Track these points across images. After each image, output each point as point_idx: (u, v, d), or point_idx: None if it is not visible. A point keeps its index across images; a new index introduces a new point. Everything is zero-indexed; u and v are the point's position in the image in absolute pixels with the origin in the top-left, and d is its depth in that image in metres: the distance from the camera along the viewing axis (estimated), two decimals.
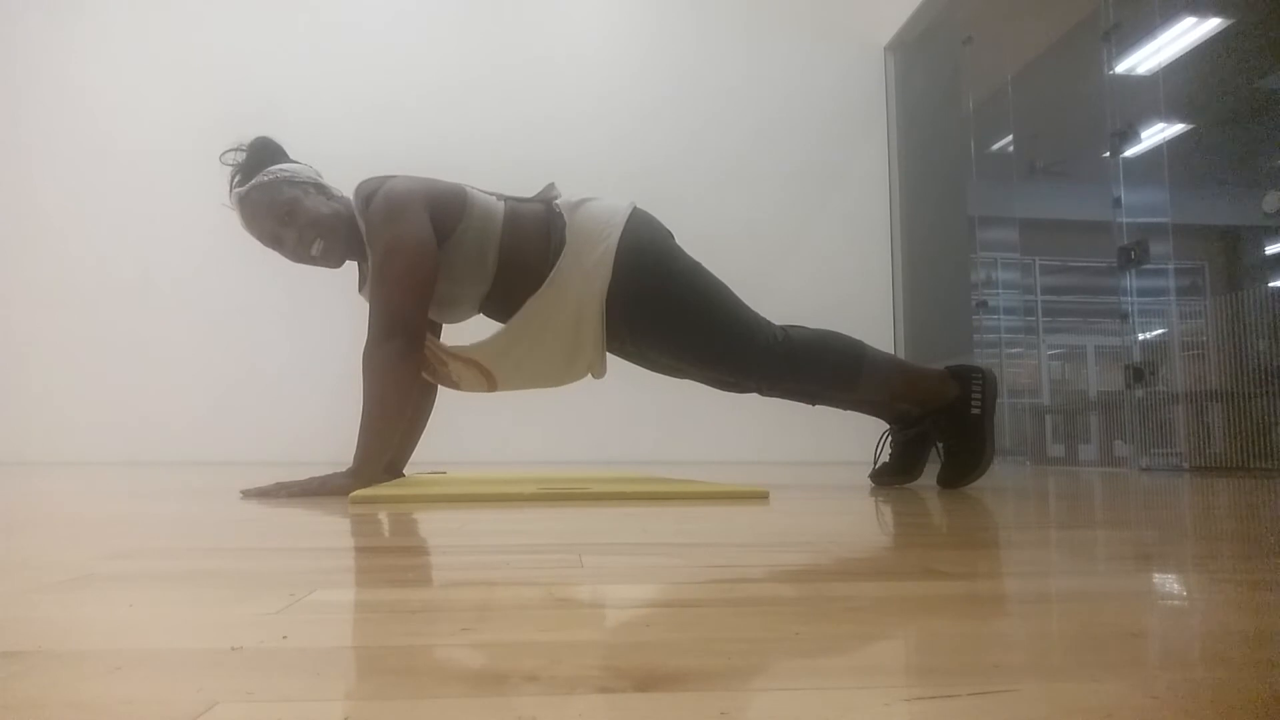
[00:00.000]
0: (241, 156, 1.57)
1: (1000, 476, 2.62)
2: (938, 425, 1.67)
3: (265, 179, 1.52)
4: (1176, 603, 0.50)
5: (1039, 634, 0.41)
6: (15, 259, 4.48)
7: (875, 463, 1.82)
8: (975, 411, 1.62)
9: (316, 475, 1.44)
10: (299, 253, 1.55)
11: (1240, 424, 3.05)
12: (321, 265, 1.58)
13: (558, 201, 1.59)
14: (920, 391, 1.66)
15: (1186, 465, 3.24)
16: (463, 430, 3.90)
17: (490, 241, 1.53)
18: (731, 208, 4.77)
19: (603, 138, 4.75)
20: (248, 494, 1.37)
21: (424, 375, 1.62)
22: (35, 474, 2.58)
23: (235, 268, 4.51)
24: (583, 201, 1.59)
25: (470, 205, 1.52)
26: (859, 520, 1.04)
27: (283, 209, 1.51)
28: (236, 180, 1.56)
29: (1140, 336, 3.53)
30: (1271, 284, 7.94)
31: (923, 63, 4.99)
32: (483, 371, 1.62)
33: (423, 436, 1.86)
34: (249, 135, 1.62)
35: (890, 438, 1.79)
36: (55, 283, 4.48)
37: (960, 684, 0.31)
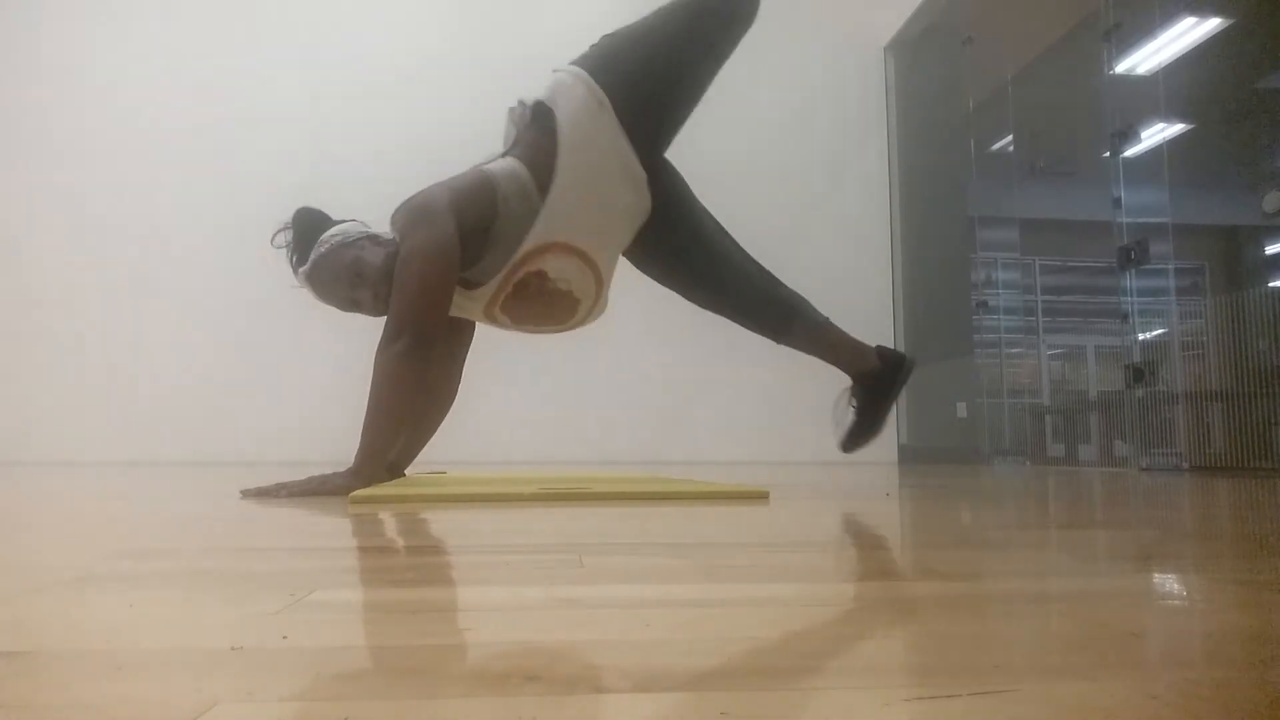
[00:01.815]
0: (289, 236, 1.58)
1: (1000, 476, 2.62)
2: (857, 390, 1.81)
3: (323, 250, 1.53)
4: (1176, 603, 0.50)
5: (1039, 634, 0.41)
6: (15, 259, 4.48)
7: (837, 428, 1.86)
8: (885, 390, 1.77)
9: (316, 475, 1.44)
10: (378, 308, 1.57)
11: (1240, 424, 3.05)
12: None
13: (532, 107, 1.64)
14: (843, 355, 1.79)
15: (1186, 465, 3.24)
16: (463, 430, 3.90)
17: (530, 196, 1.56)
18: (731, 207, 4.75)
19: None
20: (248, 494, 1.37)
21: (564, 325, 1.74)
22: (35, 474, 2.58)
23: (235, 268, 4.51)
24: (550, 91, 1.65)
25: (496, 180, 1.54)
26: (859, 520, 1.04)
27: (351, 273, 1.53)
28: (295, 260, 1.57)
29: (1140, 336, 3.53)
30: (1271, 284, 7.94)
31: (923, 63, 5.00)
32: (573, 254, 1.62)
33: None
34: (288, 209, 1.63)
35: (850, 399, 1.85)
36: (55, 283, 4.48)
37: (960, 684, 0.31)
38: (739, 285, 1.75)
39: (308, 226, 1.57)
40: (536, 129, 1.61)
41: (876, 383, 1.77)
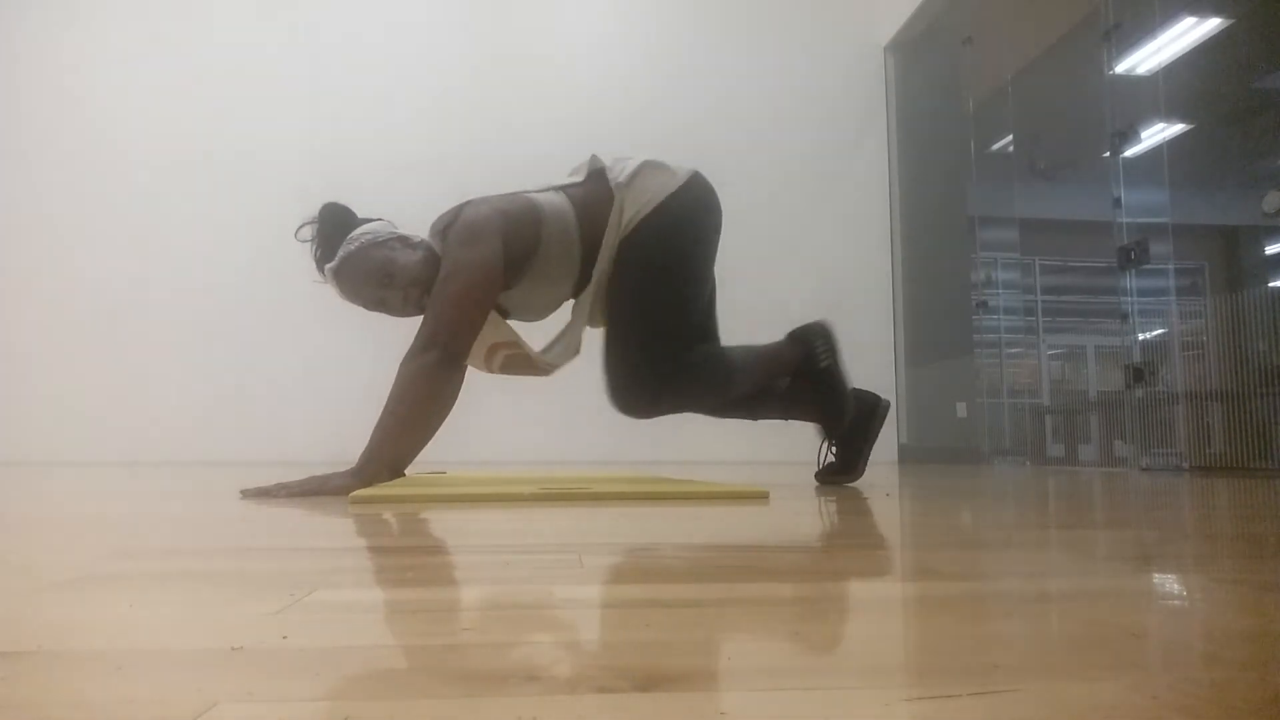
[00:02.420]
0: (314, 230, 1.57)
1: (1000, 477, 2.62)
2: (805, 387, 1.79)
3: (352, 248, 1.52)
4: (1176, 603, 0.50)
5: (1039, 634, 0.41)
6: (15, 259, 4.48)
7: (819, 464, 1.86)
8: (824, 364, 1.76)
9: (316, 475, 1.44)
10: (405, 310, 1.58)
11: (1240, 424, 3.05)
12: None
13: (615, 182, 1.62)
14: (779, 365, 1.78)
15: (1186, 465, 3.24)
16: (463, 430, 3.90)
17: (572, 239, 1.58)
18: (731, 208, 4.75)
19: (602, 138, 4.75)
20: (248, 494, 1.37)
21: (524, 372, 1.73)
22: (35, 474, 2.58)
23: (235, 268, 4.51)
24: (637, 173, 1.63)
25: (544, 215, 1.55)
26: (859, 520, 1.04)
27: (380, 273, 1.53)
28: (320, 255, 1.56)
29: (1140, 336, 3.53)
30: (1271, 284, 7.94)
31: (923, 63, 4.99)
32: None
33: None
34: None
35: (829, 440, 1.84)
36: (55, 283, 4.48)
37: (960, 684, 0.31)
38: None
39: (335, 222, 1.56)
40: (599, 186, 1.63)
41: (854, 426, 1.79)
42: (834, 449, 1.83)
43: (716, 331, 1.82)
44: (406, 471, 1.91)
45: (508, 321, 1.67)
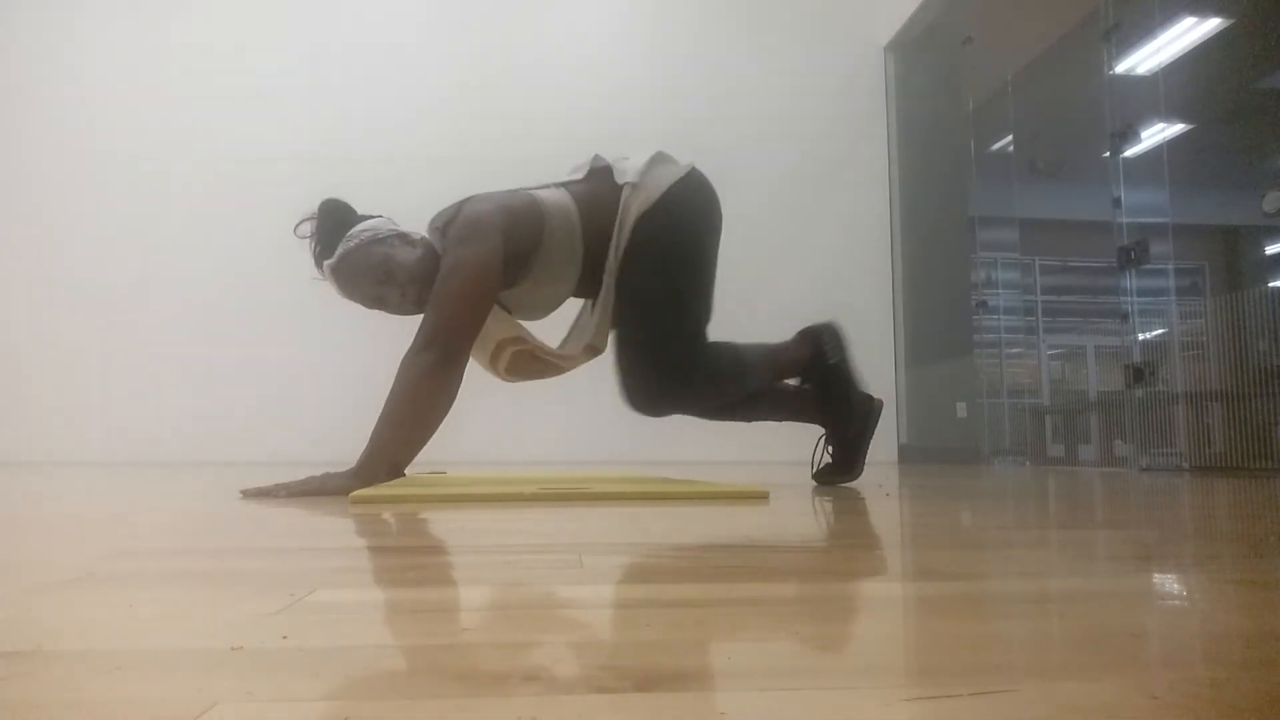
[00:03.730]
0: (313, 226, 1.56)
1: (1000, 477, 2.62)
2: (813, 385, 1.81)
3: (351, 244, 1.51)
4: (1176, 603, 0.50)
5: (1039, 634, 0.41)
6: (15, 259, 4.48)
7: (814, 465, 1.85)
8: (834, 362, 1.76)
9: (316, 475, 1.44)
10: (404, 308, 1.57)
11: (1240, 424, 3.05)
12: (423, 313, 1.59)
13: (622, 177, 1.61)
14: (788, 363, 1.78)
15: (1186, 465, 3.24)
16: (463, 430, 3.90)
17: (575, 236, 1.57)
18: (731, 207, 4.74)
19: (602, 137, 4.75)
20: (248, 494, 1.37)
21: (531, 375, 1.72)
22: (35, 474, 2.58)
23: (236, 268, 4.51)
24: (645, 167, 1.62)
25: (546, 211, 1.54)
26: (859, 520, 1.04)
27: (379, 270, 1.52)
28: (319, 251, 1.55)
29: (1140, 336, 3.53)
30: (1271, 284, 7.94)
31: (923, 63, 4.99)
32: (591, 350, 1.69)
33: None
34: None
35: (828, 439, 1.84)
36: (55, 283, 4.48)
37: (960, 684, 0.31)
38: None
39: (334, 219, 1.55)
40: (602, 183, 1.62)
41: (850, 429, 1.79)
42: (830, 449, 1.83)
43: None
44: (406, 471, 1.92)
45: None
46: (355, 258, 1.51)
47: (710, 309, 1.70)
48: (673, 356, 1.60)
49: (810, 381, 1.80)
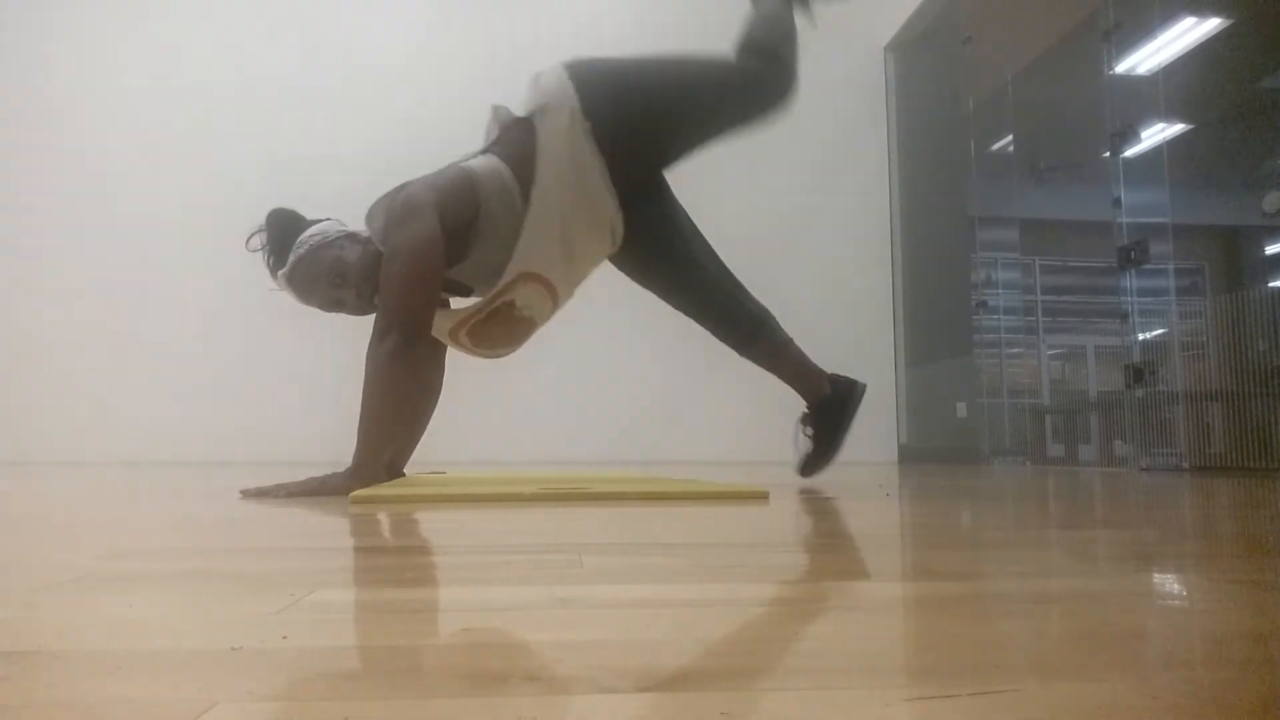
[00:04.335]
0: (264, 238, 1.57)
1: (1000, 477, 2.62)
2: (811, 416, 1.88)
3: (301, 251, 1.53)
4: (1176, 603, 0.50)
5: (1039, 634, 0.41)
6: (15, 259, 4.48)
7: (797, 453, 1.93)
8: (837, 416, 1.85)
9: (315, 475, 1.44)
10: (361, 307, 1.58)
11: (1240, 424, 3.05)
12: None
13: (521, 115, 1.64)
14: (799, 378, 1.86)
15: (1186, 465, 3.24)
16: (463, 430, 3.90)
17: (511, 193, 1.56)
18: (731, 207, 4.77)
19: None
20: (247, 494, 1.37)
21: (504, 348, 1.73)
22: (35, 474, 2.58)
23: (234, 268, 4.50)
24: (535, 99, 1.64)
25: (477, 178, 1.54)
26: (858, 520, 1.04)
27: (332, 274, 1.53)
28: (272, 263, 1.56)
29: (1140, 336, 3.53)
30: (1271, 284, 7.94)
31: (923, 63, 4.99)
32: (541, 284, 1.63)
33: (423, 436, 1.86)
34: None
35: (806, 419, 1.91)
36: (55, 283, 4.48)
37: (960, 684, 0.31)
38: (712, 294, 1.80)
39: (283, 228, 1.56)
40: (518, 130, 1.63)
41: (829, 409, 1.84)
42: (809, 431, 1.88)
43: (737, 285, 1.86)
44: (405, 471, 1.92)
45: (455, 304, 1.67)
46: (306, 264, 1.52)
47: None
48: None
49: (810, 414, 1.88)
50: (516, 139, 1.61)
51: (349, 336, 4.18)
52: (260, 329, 4.50)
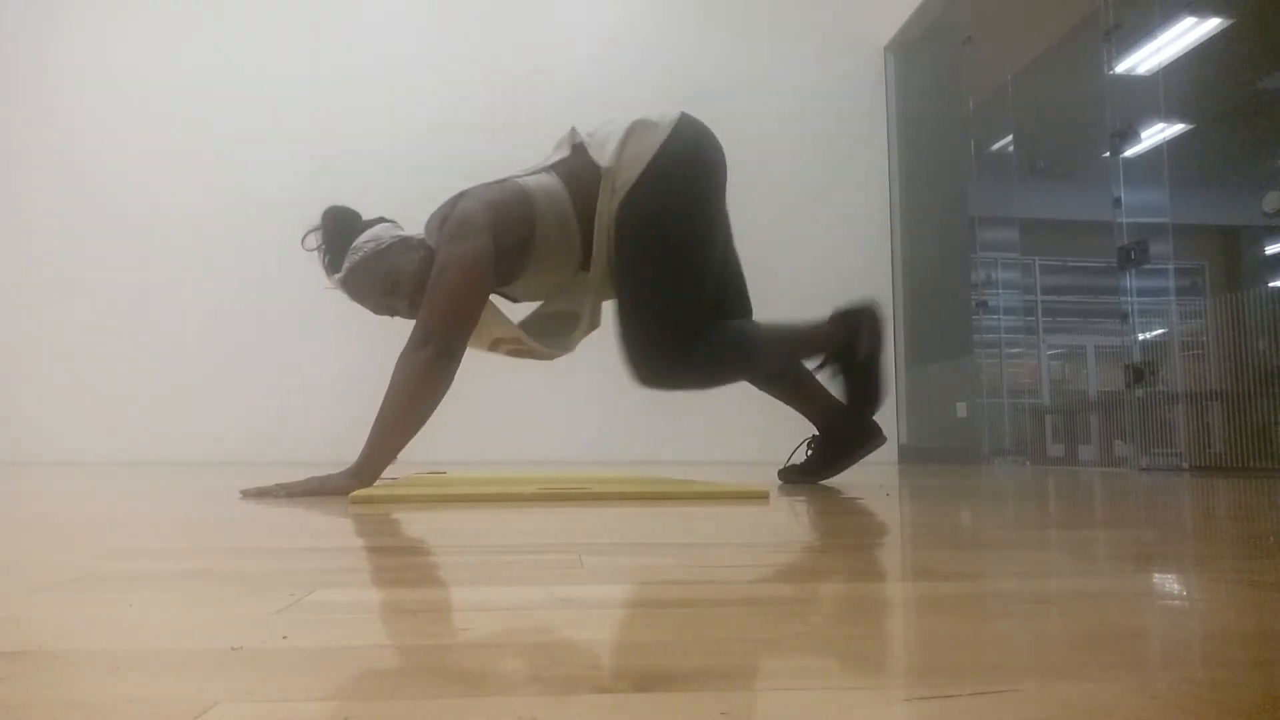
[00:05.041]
0: (319, 237, 1.57)
1: (1000, 477, 2.62)
2: (836, 372, 1.75)
3: (356, 258, 1.53)
4: (1176, 603, 0.50)
5: (1039, 634, 0.41)
6: (14, 259, 4.48)
7: (791, 460, 1.87)
8: (865, 356, 1.70)
9: (316, 475, 1.44)
10: (412, 313, 1.58)
11: (1240, 424, 3.05)
12: None
13: (597, 158, 1.58)
14: (815, 346, 1.73)
15: (1186, 465, 3.24)
16: (463, 430, 3.90)
17: (568, 218, 1.56)
18: (731, 207, 4.76)
19: None
20: (247, 494, 1.37)
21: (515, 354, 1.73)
22: (35, 474, 2.58)
23: (235, 268, 4.51)
24: (622, 142, 1.58)
25: (535, 200, 1.54)
26: (859, 520, 1.04)
27: (386, 282, 1.54)
28: (328, 263, 1.57)
29: (1140, 336, 3.52)
30: (1271, 284, 7.94)
31: (923, 63, 4.99)
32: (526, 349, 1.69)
33: (423, 436, 1.86)
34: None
35: (814, 443, 1.83)
36: (54, 283, 4.48)
37: (960, 684, 0.31)
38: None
39: (339, 229, 1.56)
40: (583, 158, 1.60)
41: (844, 441, 1.78)
42: (811, 449, 1.82)
43: (745, 301, 1.78)
44: (406, 472, 1.92)
45: (506, 312, 1.67)
46: (361, 272, 1.53)
47: (717, 274, 1.65)
48: (671, 332, 1.56)
49: (830, 368, 1.74)
50: (583, 170, 1.58)
51: (349, 337, 4.18)
52: (260, 329, 4.50)
